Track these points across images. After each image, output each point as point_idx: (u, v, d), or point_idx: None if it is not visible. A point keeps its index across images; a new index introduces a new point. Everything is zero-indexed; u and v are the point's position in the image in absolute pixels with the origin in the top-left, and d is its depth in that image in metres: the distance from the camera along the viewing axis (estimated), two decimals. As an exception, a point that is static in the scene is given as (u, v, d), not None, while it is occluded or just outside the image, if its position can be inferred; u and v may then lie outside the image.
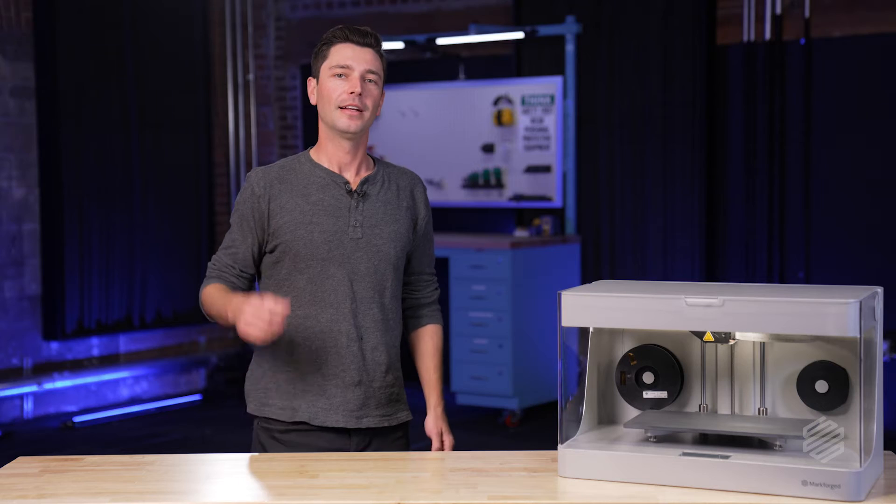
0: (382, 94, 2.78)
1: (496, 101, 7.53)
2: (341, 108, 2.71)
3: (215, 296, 2.71)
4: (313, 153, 2.80)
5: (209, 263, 2.82)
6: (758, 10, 6.77)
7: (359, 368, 2.73)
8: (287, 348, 2.74)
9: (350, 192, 2.75)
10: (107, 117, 7.32)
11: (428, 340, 2.91)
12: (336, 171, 2.77)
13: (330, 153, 2.77)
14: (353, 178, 2.78)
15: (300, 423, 2.73)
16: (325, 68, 2.73)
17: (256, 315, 2.48)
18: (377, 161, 2.86)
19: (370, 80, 2.73)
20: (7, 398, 6.87)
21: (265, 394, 2.76)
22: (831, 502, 2.14)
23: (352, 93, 2.69)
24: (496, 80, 7.60)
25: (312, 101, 2.79)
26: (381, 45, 2.77)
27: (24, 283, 7.09)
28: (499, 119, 7.50)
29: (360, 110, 2.71)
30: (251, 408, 2.80)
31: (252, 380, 2.82)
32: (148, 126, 7.56)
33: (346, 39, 2.73)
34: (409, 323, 2.92)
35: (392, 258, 2.76)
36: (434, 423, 2.87)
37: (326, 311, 2.72)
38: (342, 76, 2.71)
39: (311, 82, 2.79)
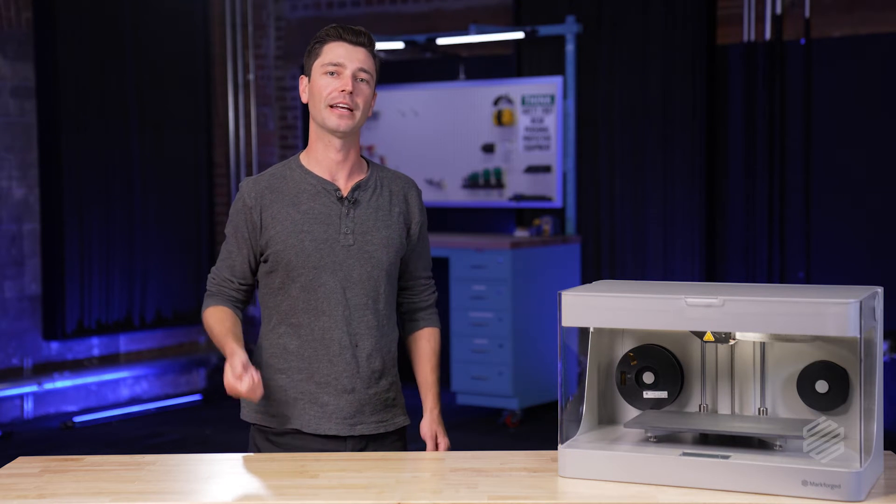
0: (374, 95, 2.75)
1: (496, 101, 7.53)
2: (331, 106, 2.68)
3: (215, 328, 2.74)
4: (304, 158, 2.77)
5: (209, 276, 2.83)
6: (758, 10, 6.77)
7: (352, 376, 2.71)
8: (279, 356, 2.74)
9: (341, 198, 2.72)
10: (107, 117, 7.32)
11: (425, 343, 2.88)
12: (327, 176, 2.74)
13: (320, 156, 2.74)
14: (344, 182, 2.75)
15: (293, 430, 2.73)
16: (317, 66, 2.70)
17: (235, 380, 2.56)
18: (371, 164, 2.82)
19: (362, 80, 2.70)
20: (7, 398, 6.87)
21: (258, 401, 2.76)
22: (831, 502, 2.14)
23: (343, 91, 2.66)
24: (496, 80, 7.60)
25: (304, 99, 2.76)
26: (374, 45, 2.74)
27: (24, 283, 7.09)
28: (499, 119, 7.50)
29: (350, 109, 2.68)
30: (244, 414, 2.80)
31: None
32: (148, 126, 7.56)
33: (339, 38, 2.70)
34: (406, 327, 2.90)
35: (385, 264, 2.74)
36: (429, 426, 2.83)
37: (320, 318, 2.70)
38: (334, 74, 2.68)
39: (303, 80, 2.76)
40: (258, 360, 2.80)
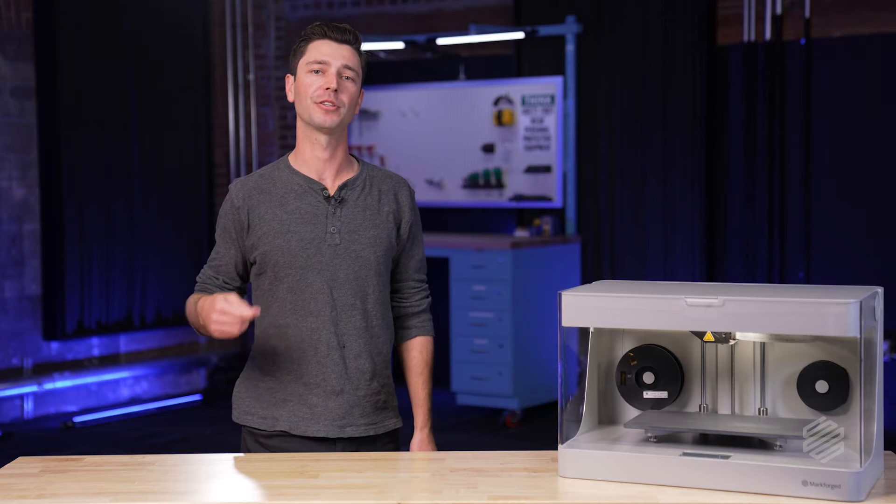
0: (361, 93, 2.75)
1: (496, 101, 7.53)
2: (316, 103, 2.67)
3: (190, 305, 2.74)
4: (292, 159, 2.77)
5: (197, 278, 2.83)
6: (758, 10, 6.77)
7: (340, 377, 2.70)
8: (269, 357, 2.73)
9: (327, 198, 2.71)
10: (107, 117, 7.32)
11: (417, 355, 2.85)
12: (315, 176, 2.73)
13: (307, 155, 2.73)
14: (332, 181, 2.74)
15: (282, 432, 2.72)
16: (303, 65, 2.70)
17: (225, 315, 2.52)
18: (362, 164, 2.81)
19: (347, 77, 2.69)
20: (7, 398, 6.87)
21: (247, 402, 2.76)
22: (831, 502, 2.14)
23: (327, 88, 2.66)
24: (496, 80, 7.60)
25: (290, 98, 2.76)
26: (360, 43, 2.74)
27: (24, 283, 7.09)
28: (499, 119, 7.50)
29: (336, 106, 2.68)
30: (234, 416, 2.80)
31: (238, 388, 2.81)
32: (148, 126, 7.56)
33: (324, 36, 2.70)
34: (398, 334, 2.86)
35: (373, 264, 2.72)
36: (419, 445, 2.83)
37: (307, 319, 2.69)
38: (319, 72, 2.68)
39: (289, 79, 2.76)
40: (250, 361, 2.80)
